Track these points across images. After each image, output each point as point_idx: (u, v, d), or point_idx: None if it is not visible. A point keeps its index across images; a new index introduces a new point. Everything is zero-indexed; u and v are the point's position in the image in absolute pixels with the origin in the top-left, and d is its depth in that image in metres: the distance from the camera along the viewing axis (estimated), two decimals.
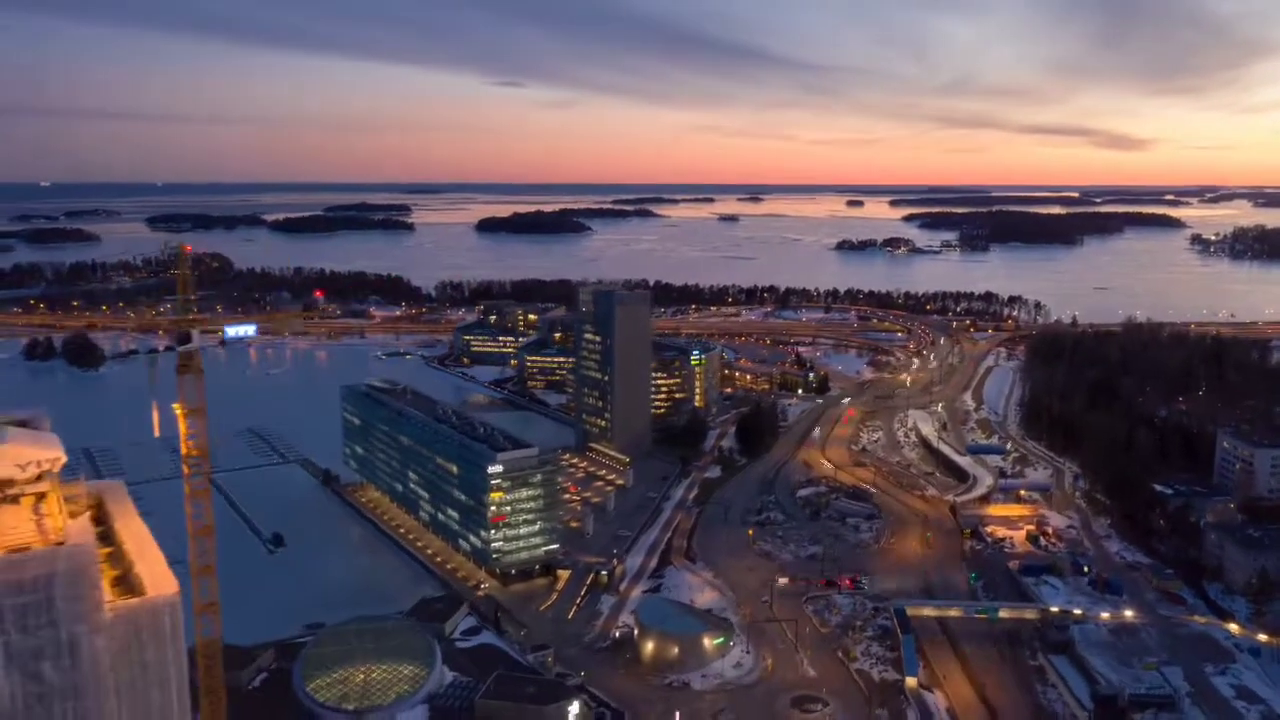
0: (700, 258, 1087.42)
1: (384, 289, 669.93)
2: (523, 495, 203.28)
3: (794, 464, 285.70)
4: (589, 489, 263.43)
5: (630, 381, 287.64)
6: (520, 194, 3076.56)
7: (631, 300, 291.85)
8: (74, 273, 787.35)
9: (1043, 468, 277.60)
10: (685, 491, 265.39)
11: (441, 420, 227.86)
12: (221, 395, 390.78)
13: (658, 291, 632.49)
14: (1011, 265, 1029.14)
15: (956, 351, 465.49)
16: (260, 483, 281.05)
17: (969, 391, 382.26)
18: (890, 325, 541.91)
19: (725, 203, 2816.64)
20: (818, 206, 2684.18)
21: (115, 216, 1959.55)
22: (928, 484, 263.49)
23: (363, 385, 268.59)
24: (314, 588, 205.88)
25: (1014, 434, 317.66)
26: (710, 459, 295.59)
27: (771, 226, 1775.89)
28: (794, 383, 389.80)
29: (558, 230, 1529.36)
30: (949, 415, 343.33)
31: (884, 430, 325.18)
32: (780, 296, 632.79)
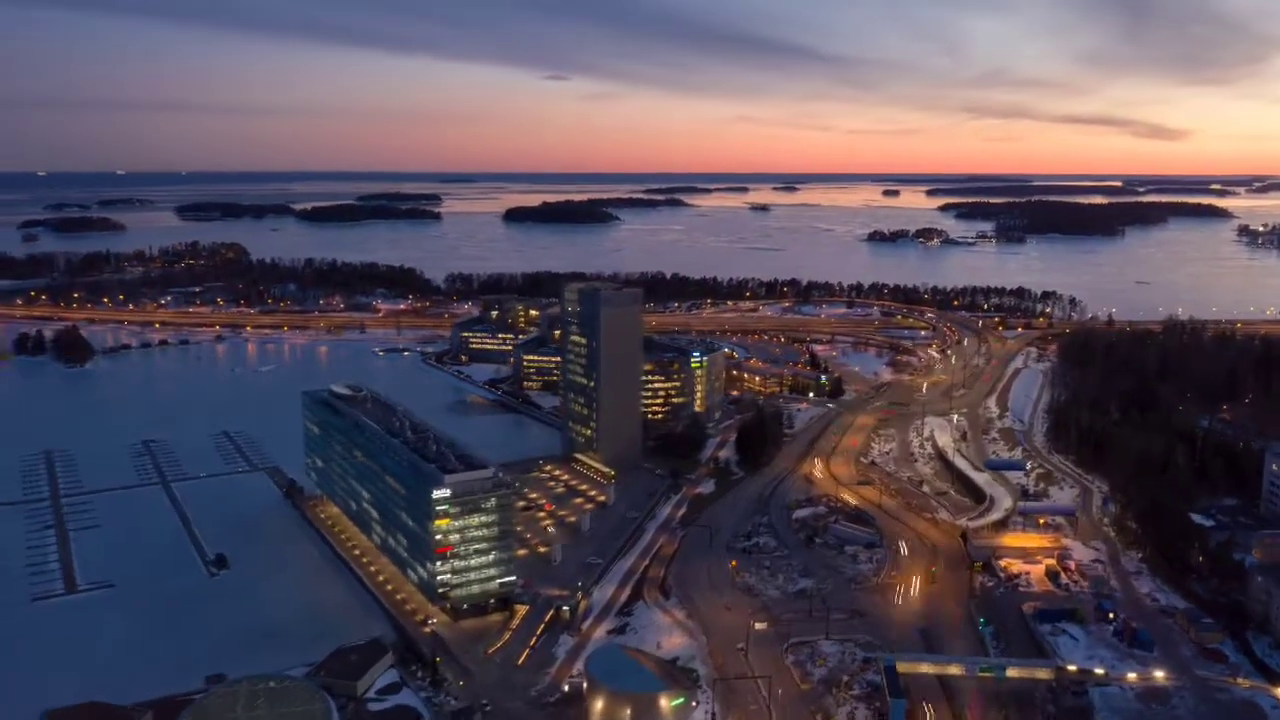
0: (726, 248, 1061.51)
1: (394, 281, 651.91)
2: (474, 523, 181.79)
3: (795, 478, 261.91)
4: (567, 506, 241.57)
5: (618, 388, 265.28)
6: (554, 183, 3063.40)
7: (619, 300, 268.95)
8: (86, 263, 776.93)
9: (1068, 487, 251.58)
10: (673, 509, 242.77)
11: (394, 433, 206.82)
12: (205, 395, 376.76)
13: (673, 285, 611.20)
14: (1049, 257, 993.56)
15: (983, 351, 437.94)
16: (220, 493, 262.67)
17: (994, 396, 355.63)
18: (915, 322, 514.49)
19: (759, 192, 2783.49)
20: (852, 196, 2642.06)
21: (148, 205, 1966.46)
22: (939, 505, 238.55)
23: (324, 391, 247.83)
24: (244, 622, 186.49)
25: (1039, 446, 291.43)
26: (706, 471, 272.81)
27: (803, 216, 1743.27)
28: (805, 385, 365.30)
29: (585, 220, 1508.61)
30: (970, 424, 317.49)
31: (898, 440, 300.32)
32: (801, 291, 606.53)
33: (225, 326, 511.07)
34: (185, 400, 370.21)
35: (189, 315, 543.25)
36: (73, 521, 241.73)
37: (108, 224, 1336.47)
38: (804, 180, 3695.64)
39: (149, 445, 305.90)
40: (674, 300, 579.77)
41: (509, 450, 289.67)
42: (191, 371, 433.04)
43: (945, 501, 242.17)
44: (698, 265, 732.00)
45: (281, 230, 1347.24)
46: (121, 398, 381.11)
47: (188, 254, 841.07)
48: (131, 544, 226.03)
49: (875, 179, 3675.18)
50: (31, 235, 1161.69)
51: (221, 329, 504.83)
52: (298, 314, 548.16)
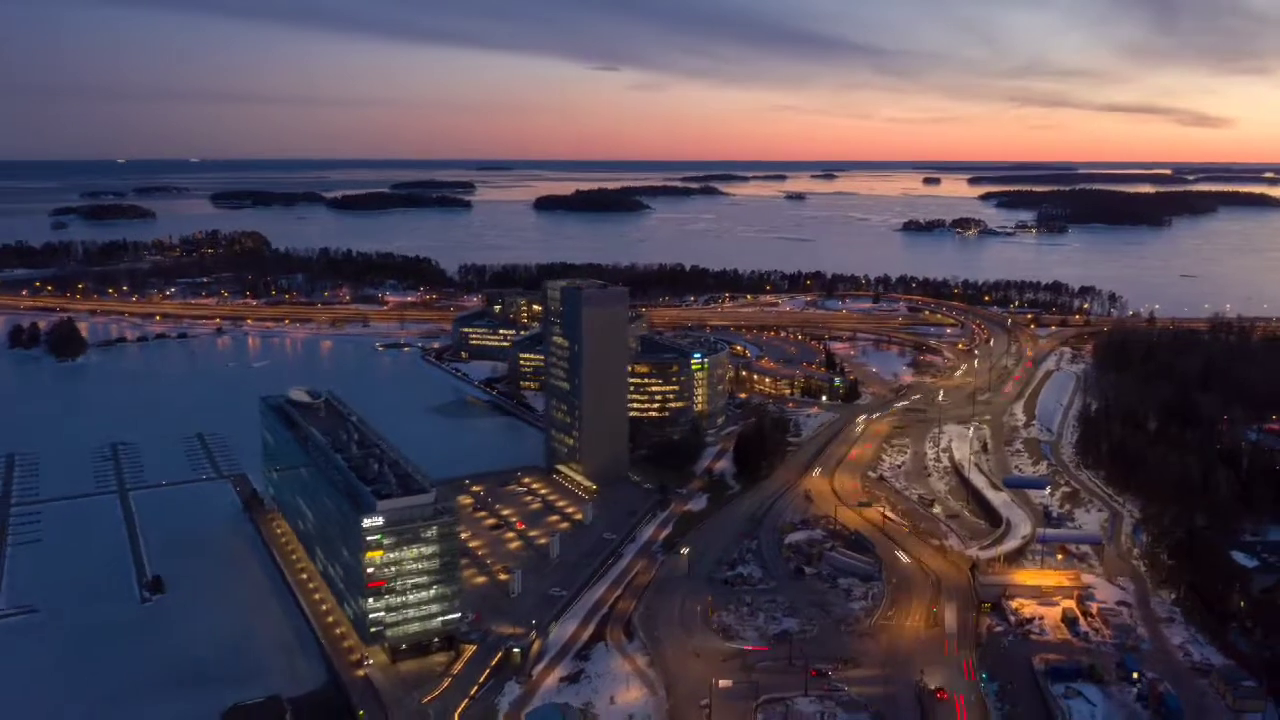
0: (755, 238, 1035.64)
1: (408, 271, 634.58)
2: (411, 555, 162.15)
3: (794, 495, 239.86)
4: (540, 525, 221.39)
5: (601, 395, 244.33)
6: (591, 171, 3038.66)
7: (603, 299, 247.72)
8: (104, 252, 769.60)
9: (1096, 510, 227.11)
10: (657, 530, 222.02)
11: (339, 448, 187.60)
12: (190, 393, 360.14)
13: (692, 277, 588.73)
14: (1091, 249, 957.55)
15: (1013, 351, 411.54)
16: (178, 504, 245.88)
17: (1021, 402, 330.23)
18: (943, 318, 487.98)
19: (797, 180, 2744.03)
20: (892, 184, 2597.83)
21: (185, 193, 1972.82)
22: (949, 530, 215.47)
23: (281, 396, 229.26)
24: (166, 657, 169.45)
25: (1066, 461, 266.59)
26: (699, 484, 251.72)
27: (839, 205, 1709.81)
28: (818, 388, 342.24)
29: (616, 209, 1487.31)
30: (992, 433, 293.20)
31: (911, 451, 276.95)
32: (826, 284, 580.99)
33: (226, 319, 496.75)
34: (168, 398, 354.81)
35: (192, 307, 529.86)
36: (16, 534, 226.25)
37: (138, 211, 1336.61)
38: (843, 168, 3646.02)
39: (116, 449, 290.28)
40: (693, 293, 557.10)
41: (491, 459, 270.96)
42: (183, 367, 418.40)
43: (957, 525, 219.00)
44: (723, 256, 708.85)
45: (309, 219, 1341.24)
46: (104, 395, 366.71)
47: (206, 242, 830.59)
48: (68, 562, 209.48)
49: (916, 167, 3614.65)
50: (61, 223, 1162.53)
51: (222, 322, 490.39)
52: (303, 306, 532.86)
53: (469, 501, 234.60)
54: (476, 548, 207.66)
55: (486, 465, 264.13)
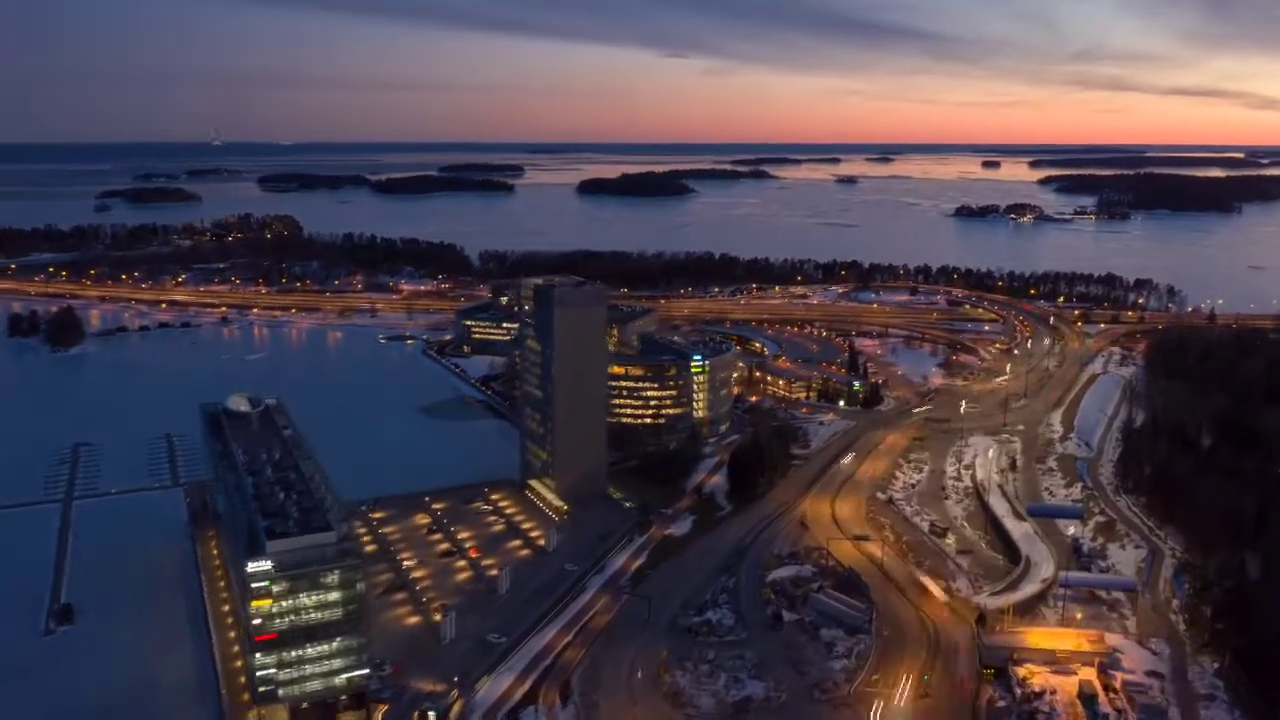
0: (797, 224, 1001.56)
1: (429, 258, 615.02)
2: (309, 603, 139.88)
3: (788, 520, 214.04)
4: (498, 551, 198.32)
5: (576, 405, 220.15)
6: (643, 154, 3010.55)
7: (578, 298, 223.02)
8: (133, 236, 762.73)
9: (1134, 545, 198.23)
10: (630, 559, 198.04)
11: (255, 469, 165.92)
12: (172, 387, 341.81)
13: (721, 266, 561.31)
14: (1153, 236, 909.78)
15: (1057, 351, 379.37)
16: (122, 515, 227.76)
17: (1060, 410, 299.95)
18: (983, 313, 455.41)
19: (852, 164, 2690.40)
20: (949, 168, 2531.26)
21: (237, 176, 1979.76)
22: (959, 568, 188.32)
23: (219, 404, 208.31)
24: (51, 703, 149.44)
25: (1105, 482, 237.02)
26: (687, 504, 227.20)
27: (891, 189, 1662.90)
28: (836, 391, 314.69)
29: (660, 193, 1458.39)
30: (1024, 447, 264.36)
31: (930, 467, 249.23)
32: (862, 274, 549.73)
33: (234, 308, 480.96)
34: (149, 393, 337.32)
35: (202, 295, 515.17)
36: None
37: (183, 195, 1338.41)
38: (901, 151, 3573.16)
39: (78, 450, 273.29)
40: (721, 283, 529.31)
41: (467, 469, 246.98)
42: (177, 358, 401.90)
43: (968, 563, 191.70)
44: (758, 243, 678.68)
45: (351, 202, 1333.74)
46: (84, 388, 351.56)
47: (237, 227, 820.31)
48: None
49: (976, 150, 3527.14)
50: (104, 205, 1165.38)
51: (228, 311, 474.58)
52: (313, 295, 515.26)
53: (426, 521, 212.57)
54: (420, 579, 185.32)
55: (460, 476, 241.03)
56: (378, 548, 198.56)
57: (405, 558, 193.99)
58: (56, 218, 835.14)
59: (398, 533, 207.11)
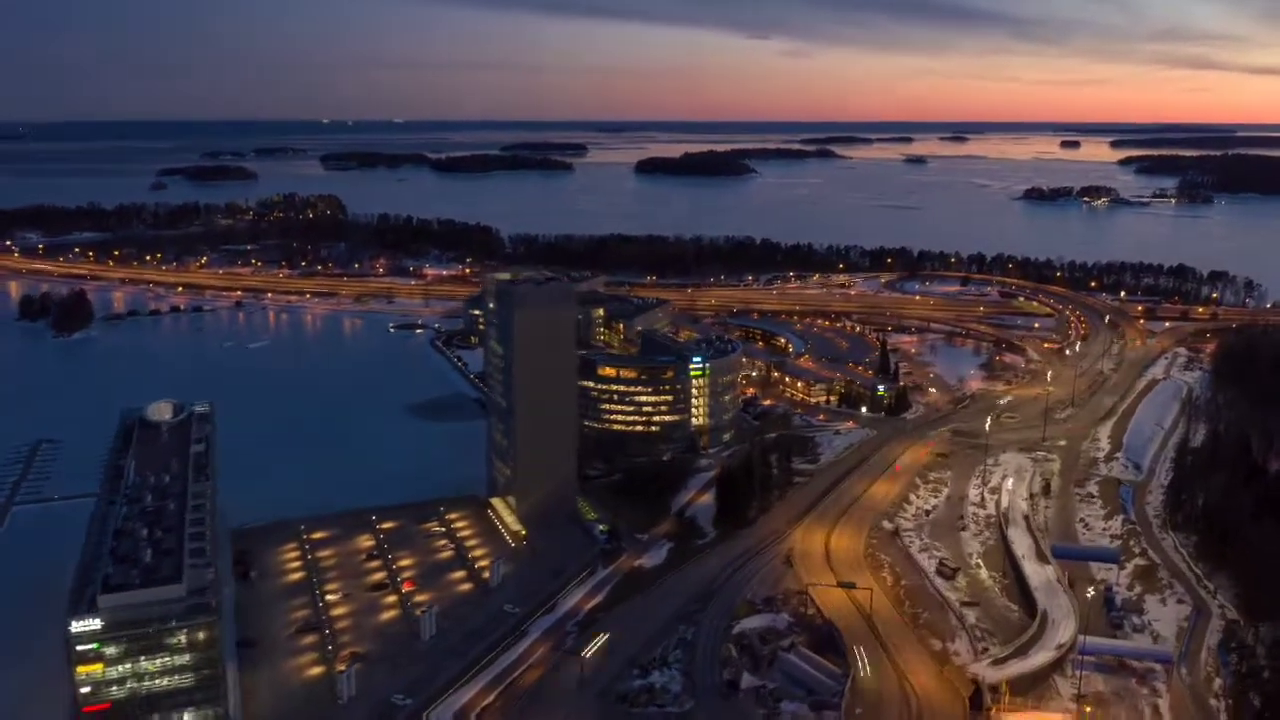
0: (855, 206, 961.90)
1: (462, 241, 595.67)
2: (151, 668, 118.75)
3: (775, 553, 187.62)
4: (436, 585, 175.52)
5: (539, 417, 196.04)
6: (710, 133, 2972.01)
7: (541, 298, 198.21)
8: (173, 215, 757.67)
9: (1175, 600, 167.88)
10: (585, 598, 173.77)
11: (135, 498, 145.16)
12: (160, 378, 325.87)
13: (761, 251, 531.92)
14: (1237, 222, 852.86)
15: (1115, 351, 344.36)
16: (51, 527, 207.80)
17: (1110, 422, 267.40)
18: (1037, 306, 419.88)
19: (924, 143, 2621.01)
20: (1025, 148, 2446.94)
21: (302, 154, 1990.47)
22: (962, 623, 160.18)
23: (138, 411, 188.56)
24: None
25: (1152, 514, 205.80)
26: (666, 529, 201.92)
27: (961, 169, 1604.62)
28: (859, 395, 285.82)
29: (719, 173, 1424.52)
30: (1063, 467, 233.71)
31: (951, 489, 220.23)
32: (910, 262, 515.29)
33: (250, 292, 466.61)
34: (135, 383, 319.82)
35: (221, 277, 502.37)
36: None
37: (242, 173, 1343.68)
38: (977, 130, 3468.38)
39: (38, 448, 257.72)
40: (759, 271, 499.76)
41: (430, 482, 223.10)
42: (177, 345, 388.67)
43: (975, 615, 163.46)
44: (807, 227, 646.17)
45: (406, 181, 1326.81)
46: (71, 378, 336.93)
47: (279, 206, 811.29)
48: None
49: (1055, 129, 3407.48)
50: (161, 184, 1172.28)
51: (243, 295, 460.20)
52: (332, 279, 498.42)
53: (368, 545, 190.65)
54: (339, 616, 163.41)
55: (426, 488, 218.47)
56: (305, 576, 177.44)
57: (330, 590, 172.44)
58: (113, 195, 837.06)
59: (333, 557, 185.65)
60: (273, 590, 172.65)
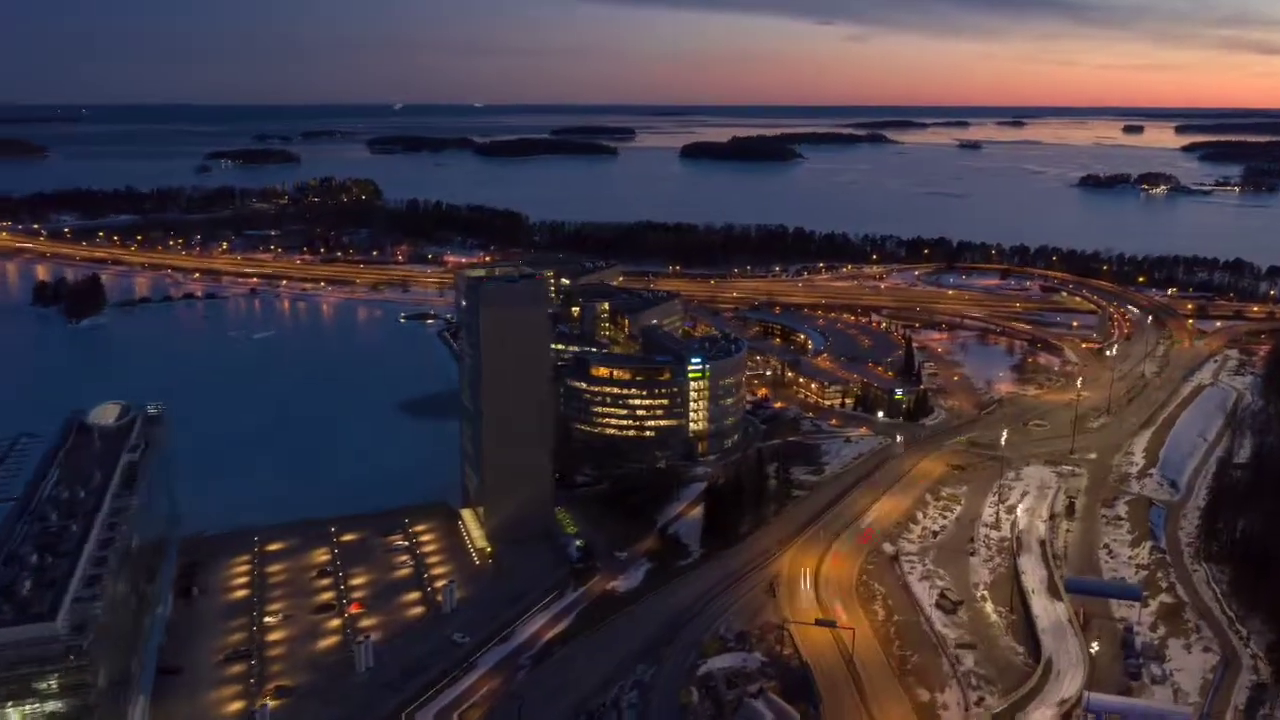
0: (899, 193, 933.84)
1: (488, 227, 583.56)
2: (19, 716, 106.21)
3: (758, 579, 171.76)
4: (388, 608, 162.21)
5: (508, 423, 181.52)
6: (763, 117, 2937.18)
7: (509, 296, 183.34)
8: (208, 199, 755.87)
9: (1202, 646, 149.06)
10: (547, 625, 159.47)
11: (41, 515, 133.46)
12: (157, 369, 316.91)
13: (794, 241, 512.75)
14: None
15: (1160, 352, 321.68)
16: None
17: (1147, 433, 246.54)
18: (1081, 302, 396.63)
19: (980, 127, 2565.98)
20: (1086, 132, 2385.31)
21: (350, 137, 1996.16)
22: (955, 669, 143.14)
23: (82, 413, 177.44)
24: None
25: (1185, 542, 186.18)
26: (648, 547, 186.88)
27: (1015, 155, 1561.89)
28: (877, 399, 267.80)
29: (765, 158, 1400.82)
30: (1091, 483, 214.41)
31: (965, 507, 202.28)
32: (949, 253, 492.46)
33: (266, 278, 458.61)
34: (134, 373, 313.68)
35: (240, 263, 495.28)
36: None
37: (285, 157, 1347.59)
38: (1036, 115, 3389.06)
39: (16, 444, 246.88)
40: (790, 261, 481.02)
41: (403, 489, 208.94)
42: (182, 334, 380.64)
43: (973, 659, 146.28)
44: (845, 215, 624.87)
45: (447, 165, 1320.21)
46: (72, 367, 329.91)
47: (313, 192, 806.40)
48: None
49: (1117, 113, 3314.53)
50: (205, 167, 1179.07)
51: (258, 282, 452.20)
52: (349, 266, 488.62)
53: (323, 559, 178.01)
54: (275, 643, 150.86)
55: (398, 495, 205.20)
56: (250, 593, 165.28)
57: (273, 610, 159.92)
58: (159, 178, 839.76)
59: (284, 573, 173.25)
60: (213, 609, 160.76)
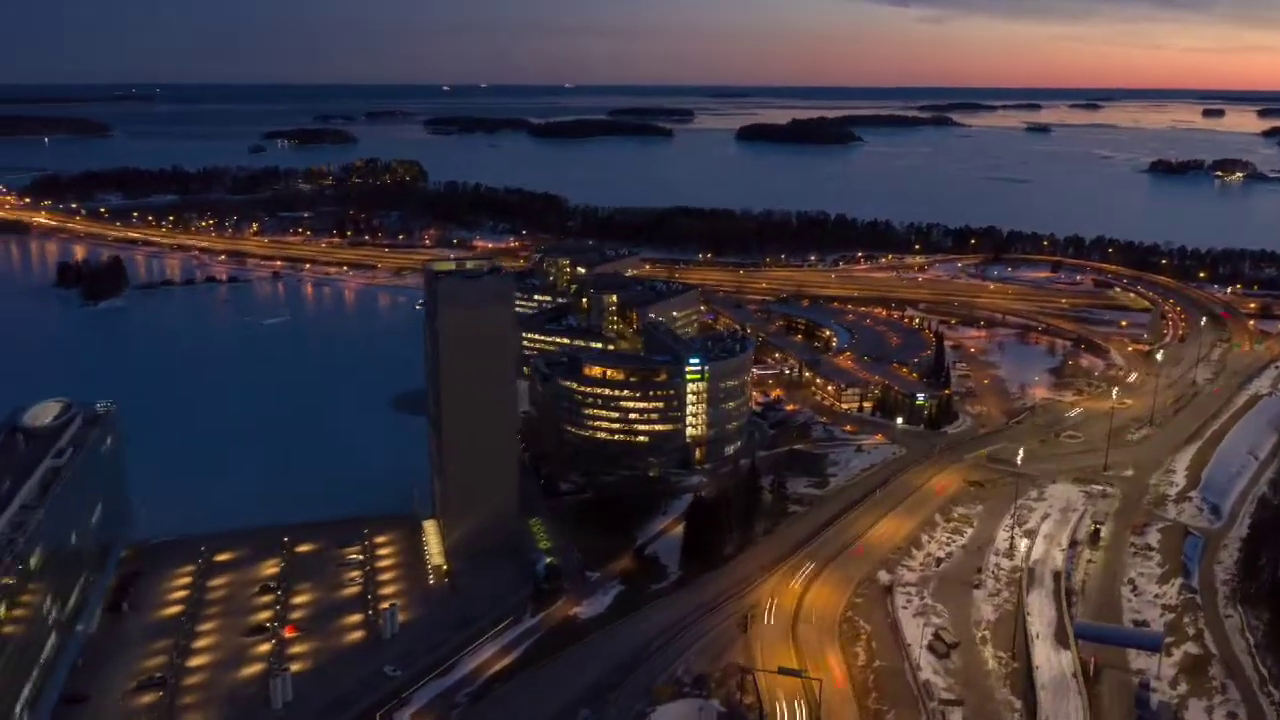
0: (956, 178, 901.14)
1: (524, 210, 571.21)
2: None
3: (731, 610, 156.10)
4: (324, 631, 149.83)
5: (469, 429, 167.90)
6: (824, 98, 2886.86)
7: (470, 294, 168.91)
8: (253, 180, 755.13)
9: (1225, 710, 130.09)
10: (495, 656, 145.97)
11: None
12: (158, 357, 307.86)
13: (834, 229, 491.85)
14: None
15: (1216, 357, 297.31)
16: None
17: (1194, 447, 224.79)
18: (1135, 298, 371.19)
19: (1053, 111, 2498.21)
20: (1162, 116, 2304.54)
21: (410, 118, 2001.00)
22: None
23: (20, 410, 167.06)
24: None
25: (1220, 580, 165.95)
26: (624, 566, 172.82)
27: (1086, 139, 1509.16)
28: (896, 403, 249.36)
29: (823, 141, 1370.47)
30: (1122, 506, 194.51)
31: (978, 529, 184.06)
32: (998, 244, 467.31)
33: (290, 261, 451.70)
34: (123, 362, 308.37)
35: (267, 245, 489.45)
36: None
37: (341, 137, 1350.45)
38: (1112, 97, 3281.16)
39: None
40: (827, 250, 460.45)
41: (376, 494, 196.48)
42: (195, 319, 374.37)
43: (966, 707, 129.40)
44: (894, 201, 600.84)
45: (499, 147, 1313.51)
46: (77, 352, 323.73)
47: (357, 173, 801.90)
48: None
49: (1198, 96, 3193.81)
50: (259, 147, 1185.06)
51: (282, 266, 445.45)
52: (376, 250, 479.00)
53: (271, 572, 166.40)
54: (194, 669, 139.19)
55: (369, 501, 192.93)
56: (184, 610, 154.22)
57: (204, 630, 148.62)
58: (213, 157, 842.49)
59: (225, 587, 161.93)
60: (140, 628, 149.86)
